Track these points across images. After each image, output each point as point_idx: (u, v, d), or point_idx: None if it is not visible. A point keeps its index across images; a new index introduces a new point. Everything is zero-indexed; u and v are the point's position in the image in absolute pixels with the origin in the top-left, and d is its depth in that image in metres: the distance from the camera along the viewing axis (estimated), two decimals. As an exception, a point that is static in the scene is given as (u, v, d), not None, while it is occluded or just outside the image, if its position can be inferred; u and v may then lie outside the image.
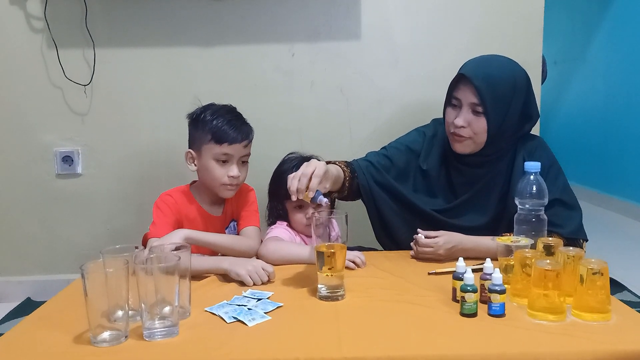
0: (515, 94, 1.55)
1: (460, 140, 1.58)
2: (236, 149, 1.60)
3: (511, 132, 1.59)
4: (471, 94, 1.53)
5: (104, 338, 1.04)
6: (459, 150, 1.61)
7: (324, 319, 1.15)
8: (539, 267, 1.12)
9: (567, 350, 1.00)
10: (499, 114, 1.54)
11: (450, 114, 1.60)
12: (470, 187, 1.64)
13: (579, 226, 1.55)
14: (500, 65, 1.58)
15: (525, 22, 2.19)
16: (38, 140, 2.27)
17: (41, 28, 2.21)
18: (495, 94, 1.52)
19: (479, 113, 1.54)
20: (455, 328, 1.09)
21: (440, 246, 1.50)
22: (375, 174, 1.68)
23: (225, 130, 1.59)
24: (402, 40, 2.22)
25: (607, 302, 1.12)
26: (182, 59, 2.23)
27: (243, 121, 1.67)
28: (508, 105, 1.54)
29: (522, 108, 1.58)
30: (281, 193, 1.68)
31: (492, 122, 1.53)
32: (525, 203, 1.37)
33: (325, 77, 2.24)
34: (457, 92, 1.58)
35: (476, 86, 1.51)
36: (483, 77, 1.53)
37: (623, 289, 2.38)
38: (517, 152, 1.61)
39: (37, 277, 2.36)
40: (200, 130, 1.62)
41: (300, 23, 2.21)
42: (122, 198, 2.31)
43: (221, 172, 1.61)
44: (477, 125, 1.55)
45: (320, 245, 1.26)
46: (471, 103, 1.54)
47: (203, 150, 1.61)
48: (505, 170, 1.62)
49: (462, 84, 1.56)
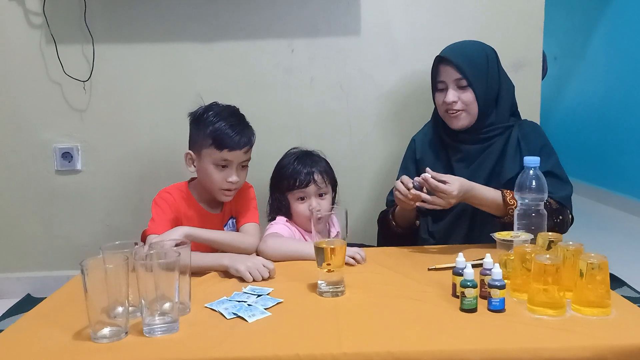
0: (489, 63, 1.71)
1: (456, 115, 1.69)
2: (236, 155, 1.59)
3: (496, 102, 1.71)
4: (453, 71, 1.68)
5: (104, 334, 1.04)
6: (456, 126, 1.71)
7: (324, 315, 1.15)
8: (538, 261, 1.12)
9: (567, 345, 1.00)
10: (481, 82, 1.68)
11: (440, 97, 1.73)
12: (466, 164, 1.72)
13: (569, 196, 1.64)
14: (471, 44, 1.76)
15: (525, 18, 2.18)
16: (37, 136, 2.27)
17: (40, 24, 2.20)
18: (473, 66, 1.67)
19: (464, 87, 1.67)
20: (455, 323, 1.09)
21: (455, 195, 1.50)
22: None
23: (226, 135, 1.57)
24: (402, 37, 2.22)
25: (607, 296, 1.12)
26: (182, 56, 2.23)
27: (245, 125, 1.64)
28: (486, 75, 1.69)
29: (498, 79, 1.72)
30: (282, 185, 1.71)
31: (477, 90, 1.67)
32: (525, 198, 1.37)
33: (324, 73, 2.24)
34: (440, 75, 1.72)
35: (455, 63, 1.66)
36: (459, 54, 1.69)
37: (622, 284, 2.39)
38: (512, 133, 1.70)
39: (37, 273, 2.36)
40: (201, 132, 1.60)
41: (300, 19, 2.21)
42: (122, 194, 2.31)
43: (220, 177, 1.60)
44: (466, 97, 1.67)
45: (320, 241, 1.26)
46: (455, 80, 1.68)
47: (203, 154, 1.60)
48: (499, 150, 1.70)
49: (442, 66, 1.71)
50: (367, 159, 2.28)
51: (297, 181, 1.69)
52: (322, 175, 1.71)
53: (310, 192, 1.69)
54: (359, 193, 2.29)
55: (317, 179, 1.69)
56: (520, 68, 2.19)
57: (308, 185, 1.69)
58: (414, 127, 1.89)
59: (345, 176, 1.98)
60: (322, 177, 1.71)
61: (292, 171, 1.71)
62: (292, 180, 1.70)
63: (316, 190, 1.70)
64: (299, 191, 1.69)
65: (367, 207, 2.27)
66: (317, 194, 1.71)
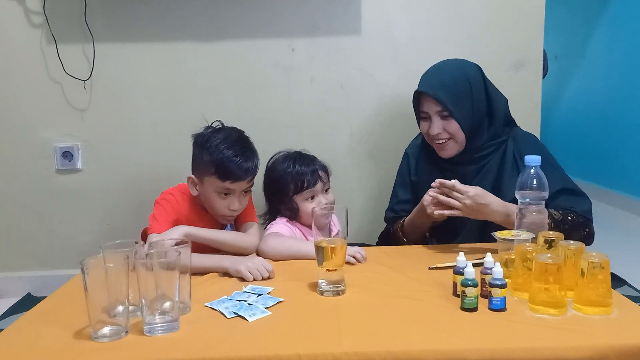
0: (473, 88, 1.65)
1: (443, 147, 1.68)
2: (239, 185, 1.57)
3: (488, 122, 1.68)
4: (433, 104, 1.65)
5: (105, 333, 1.04)
6: (446, 156, 1.70)
7: (325, 314, 1.15)
8: (539, 261, 1.12)
9: (568, 345, 1.00)
10: (465, 110, 1.64)
11: (424, 126, 1.71)
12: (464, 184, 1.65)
13: (590, 209, 1.62)
14: (450, 70, 1.69)
15: (526, 17, 2.18)
16: (38, 135, 2.27)
17: (40, 23, 2.20)
18: (453, 95, 1.63)
19: (447, 117, 1.64)
20: (456, 323, 1.09)
21: (471, 196, 1.48)
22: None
23: (229, 166, 1.53)
24: (402, 36, 2.22)
25: (608, 295, 1.12)
26: (182, 54, 2.22)
27: (249, 154, 1.59)
28: (470, 100, 1.65)
29: (486, 97, 1.68)
30: (288, 190, 1.71)
31: (461, 120, 1.63)
32: (526, 196, 1.36)
33: (325, 72, 2.24)
34: (422, 106, 1.70)
35: (433, 97, 1.63)
36: (438, 86, 1.64)
37: (623, 283, 2.38)
38: (507, 149, 1.68)
39: (37, 272, 2.36)
40: (204, 160, 1.56)
41: (300, 18, 2.20)
42: (122, 193, 2.31)
43: (222, 205, 1.59)
44: (450, 127, 1.65)
45: (320, 240, 1.25)
46: (437, 111, 1.65)
47: (205, 181, 1.58)
48: (496, 167, 1.68)
49: (422, 98, 1.69)
50: (367, 158, 2.28)
51: (304, 182, 1.70)
52: (322, 170, 1.76)
53: (318, 190, 1.72)
54: (359, 192, 2.29)
55: (322, 176, 1.74)
56: (520, 67, 2.19)
57: (316, 184, 1.71)
58: (414, 127, 1.88)
59: (345, 175, 1.98)
60: (324, 172, 1.76)
61: (296, 174, 1.71)
62: (299, 183, 1.70)
63: (322, 187, 1.74)
64: (308, 191, 1.70)
65: (366, 207, 2.27)
66: (323, 189, 1.74)
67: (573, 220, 1.54)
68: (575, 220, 1.55)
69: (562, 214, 1.55)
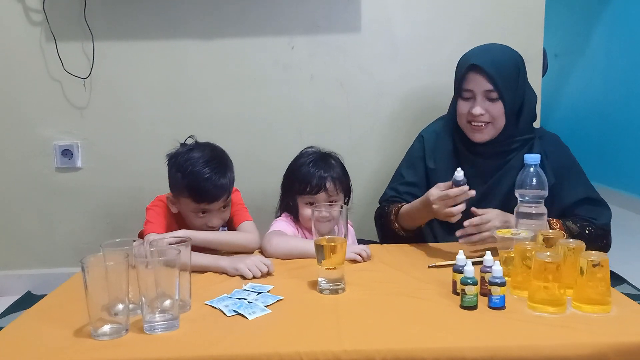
0: (520, 73, 1.60)
1: (480, 129, 1.60)
2: (215, 205, 1.55)
3: (520, 114, 1.61)
4: (484, 81, 1.56)
5: (105, 331, 1.04)
6: (479, 140, 1.61)
7: (324, 312, 1.15)
8: (539, 259, 1.12)
9: (568, 343, 1.00)
10: (512, 95, 1.57)
11: (464, 105, 1.61)
12: (483, 180, 1.63)
13: (609, 220, 1.60)
14: (501, 50, 1.64)
15: (526, 15, 2.18)
16: (37, 134, 2.27)
17: (40, 21, 2.20)
18: (505, 77, 1.56)
19: (494, 99, 1.57)
20: (456, 321, 1.09)
21: (493, 217, 1.42)
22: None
23: (202, 189, 1.50)
24: (402, 34, 2.21)
25: (608, 294, 1.12)
26: (181, 52, 2.22)
27: (223, 172, 1.54)
28: (516, 85, 1.59)
29: (524, 89, 1.62)
30: (294, 187, 1.67)
31: (508, 104, 1.57)
32: (526, 195, 1.36)
33: (324, 70, 2.24)
34: (468, 83, 1.59)
35: (488, 73, 1.54)
36: (491, 63, 1.56)
37: (623, 281, 2.39)
38: (534, 147, 1.61)
39: (37, 270, 2.36)
40: (178, 182, 1.54)
41: (300, 16, 2.20)
42: (122, 191, 2.31)
43: (200, 223, 1.57)
44: (495, 110, 1.57)
45: (320, 238, 1.25)
46: (484, 91, 1.57)
47: (181, 202, 1.56)
48: (519, 167, 1.55)
49: (472, 73, 1.58)
50: (366, 156, 2.28)
51: (307, 186, 1.61)
52: (335, 182, 1.63)
53: (320, 200, 1.61)
54: (358, 190, 2.28)
55: (328, 187, 1.61)
56: (520, 65, 2.18)
57: (319, 192, 1.61)
58: (414, 125, 1.89)
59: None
60: (334, 185, 1.63)
61: (304, 174, 1.63)
62: (303, 185, 1.62)
63: (326, 198, 1.62)
64: (308, 197, 1.63)
65: (366, 205, 2.27)
66: (327, 201, 1.61)
67: (591, 233, 1.52)
68: (593, 233, 1.53)
69: (580, 227, 1.52)
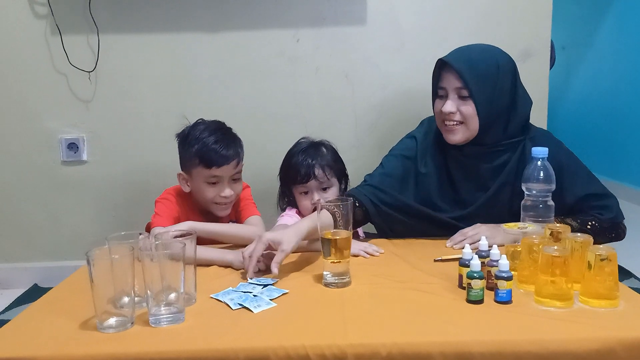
0: (500, 74, 1.52)
1: (452, 129, 1.55)
2: (226, 170, 1.59)
3: (505, 118, 1.55)
4: (454, 79, 1.52)
5: (110, 324, 1.04)
6: (452, 141, 1.57)
7: (330, 306, 1.14)
8: (546, 253, 1.11)
9: (575, 337, 0.99)
10: (486, 96, 1.51)
11: (438, 104, 1.59)
12: (473, 183, 1.60)
13: (616, 213, 1.57)
14: (481, 50, 1.58)
15: (533, 7, 2.16)
16: (43, 127, 2.27)
17: (45, 14, 2.19)
18: (478, 75, 1.50)
19: (465, 97, 1.52)
20: (462, 315, 1.09)
21: (479, 227, 1.50)
22: (384, 197, 1.61)
23: (212, 153, 1.57)
24: (408, 25, 2.20)
25: (615, 288, 1.11)
26: (186, 45, 2.22)
27: (231, 139, 1.63)
28: (493, 86, 1.52)
29: (510, 89, 1.55)
30: (288, 178, 1.70)
31: (480, 104, 1.51)
32: (532, 189, 1.36)
33: (330, 62, 2.23)
34: (441, 81, 1.57)
35: (457, 70, 1.50)
36: (464, 61, 1.52)
37: (630, 276, 2.37)
38: (525, 149, 1.56)
39: (44, 263, 2.38)
40: (188, 152, 1.60)
41: (305, 8, 2.19)
42: (127, 184, 2.31)
43: (213, 193, 1.60)
44: (466, 110, 1.52)
45: (325, 232, 1.25)
46: (456, 88, 1.53)
47: (193, 173, 1.61)
48: (516, 170, 1.57)
49: (444, 71, 1.56)
50: (372, 148, 2.27)
51: (297, 175, 1.67)
52: (324, 169, 1.67)
53: (312, 187, 1.67)
54: (365, 183, 2.28)
55: (317, 174, 1.66)
56: (528, 57, 2.17)
57: (309, 180, 1.66)
58: (420, 117, 1.87)
59: (350, 165, 1.96)
60: (322, 171, 1.67)
61: (294, 164, 1.69)
62: (293, 173, 1.68)
63: (318, 185, 1.67)
64: (301, 186, 1.68)
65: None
66: (319, 188, 1.68)
67: (594, 227, 1.49)
68: (598, 227, 1.50)
69: (581, 223, 1.50)
